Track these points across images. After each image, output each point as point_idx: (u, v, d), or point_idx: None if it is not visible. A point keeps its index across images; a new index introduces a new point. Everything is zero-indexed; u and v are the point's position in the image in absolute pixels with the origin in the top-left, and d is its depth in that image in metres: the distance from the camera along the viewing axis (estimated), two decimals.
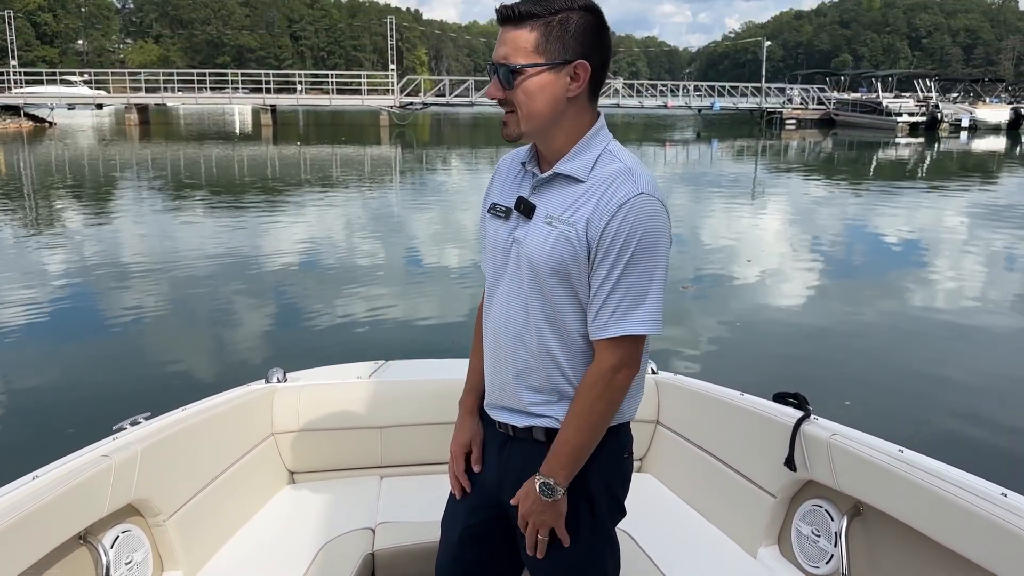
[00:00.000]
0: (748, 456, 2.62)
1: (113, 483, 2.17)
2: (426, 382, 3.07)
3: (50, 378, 6.15)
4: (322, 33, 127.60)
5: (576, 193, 1.66)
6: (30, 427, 5.25)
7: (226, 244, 11.30)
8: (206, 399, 2.76)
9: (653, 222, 1.61)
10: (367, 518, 2.69)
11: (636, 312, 1.62)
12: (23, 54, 77.67)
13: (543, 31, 1.62)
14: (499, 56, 1.66)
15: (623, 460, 1.81)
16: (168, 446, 2.42)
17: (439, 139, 40.55)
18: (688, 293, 8.74)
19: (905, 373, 6.31)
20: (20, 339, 6.99)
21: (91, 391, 5.86)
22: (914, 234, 12.88)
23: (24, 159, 25.46)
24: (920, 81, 50.74)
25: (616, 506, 1.83)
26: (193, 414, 2.60)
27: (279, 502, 2.86)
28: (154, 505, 2.33)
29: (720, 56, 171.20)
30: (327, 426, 2.98)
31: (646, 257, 1.61)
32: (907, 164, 26.73)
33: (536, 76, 1.63)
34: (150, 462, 2.31)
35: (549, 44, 1.62)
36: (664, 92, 51.59)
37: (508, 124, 1.70)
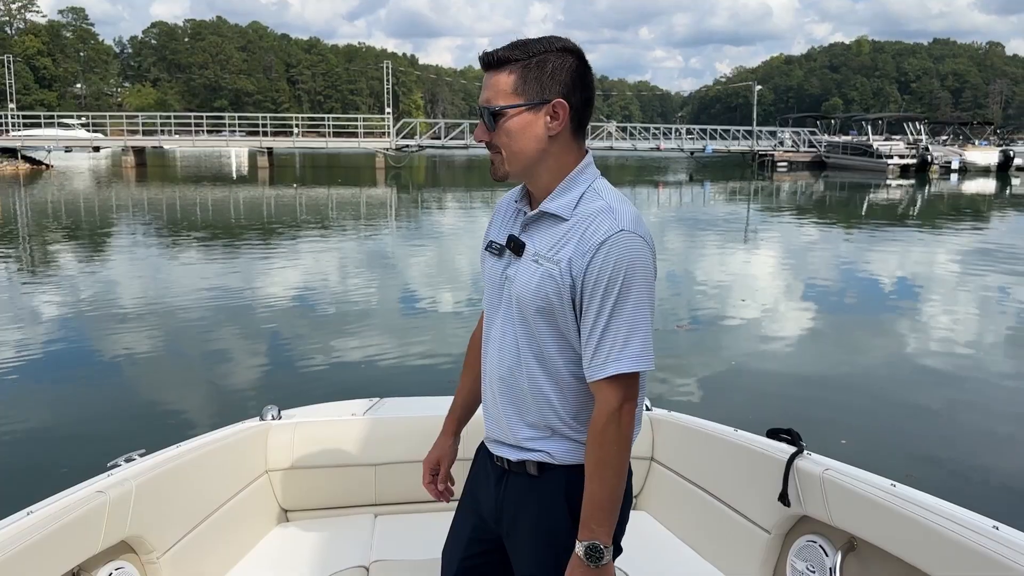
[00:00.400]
0: (742, 492, 2.62)
1: (107, 519, 2.16)
2: (421, 419, 3.06)
3: (45, 417, 6.13)
4: (319, 77, 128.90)
5: (561, 231, 1.69)
6: (25, 465, 5.23)
7: (221, 285, 11.31)
8: (200, 436, 2.76)
9: (635, 259, 1.62)
10: (361, 556, 2.68)
11: (628, 348, 1.62)
12: (21, 97, 78.32)
13: (521, 73, 1.67)
14: (483, 100, 1.71)
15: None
16: (162, 483, 2.42)
17: (434, 181, 40.85)
18: (683, 332, 8.76)
19: (899, 412, 6.31)
20: (16, 378, 6.97)
21: (86, 429, 5.84)
22: (907, 275, 12.96)
23: (20, 201, 25.54)
24: (910, 124, 51.34)
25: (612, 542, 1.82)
26: (187, 451, 2.60)
27: (272, 540, 2.85)
28: (148, 542, 2.32)
29: (712, 100, 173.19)
30: (321, 463, 2.98)
31: (632, 294, 1.62)
32: (899, 206, 26.96)
33: (516, 116, 1.68)
34: (144, 499, 2.31)
35: (527, 85, 1.67)
36: (657, 135, 52.13)
37: (495, 164, 1.74)
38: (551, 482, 1.74)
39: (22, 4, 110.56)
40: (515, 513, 1.79)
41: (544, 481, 1.74)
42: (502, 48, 1.70)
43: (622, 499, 1.69)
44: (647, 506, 3.09)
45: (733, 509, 2.65)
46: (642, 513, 3.06)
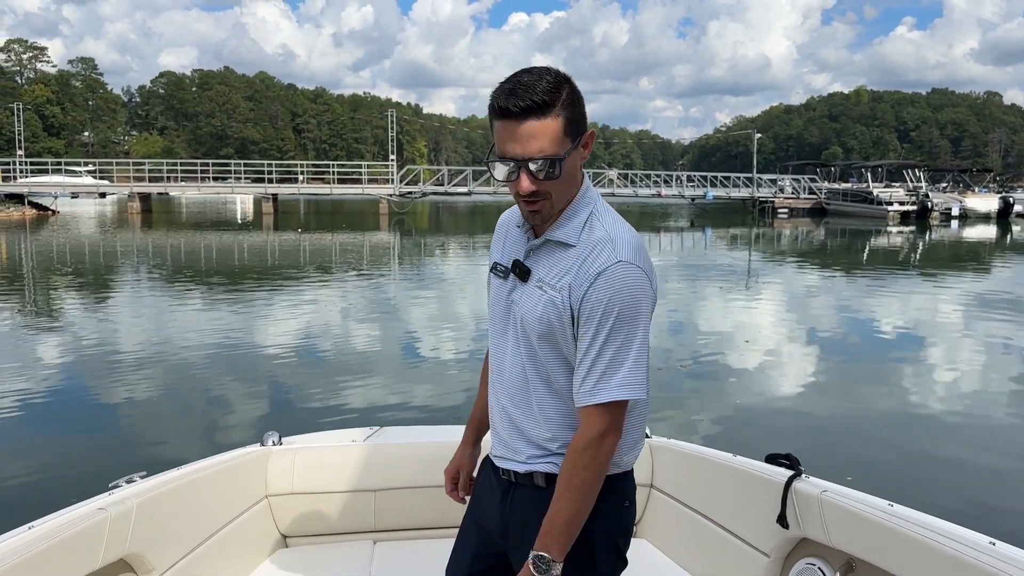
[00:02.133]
0: (741, 516, 2.63)
1: (108, 536, 2.17)
2: (421, 445, 3.08)
3: (52, 443, 6.31)
4: (325, 126, 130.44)
5: (566, 258, 1.71)
6: (31, 484, 5.42)
7: (226, 327, 11.36)
8: (201, 460, 2.77)
9: (630, 290, 1.64)
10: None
11: (617, 377, 1.64)
12: (30, 145, 79.31)
13: (565, 115, 1.64)
14: (533, 150, 1.62)
15: (624, 510, 1.82)
16: (163, 503, 2.43)
17: (437, 226, 41.13)
18: (687, 372, 8.77)
19: (901, 453, 6.31)
20: (25, 412, 7.01)
21: (91, 454, 6.02)
22: (908, 321, 12.99)
23: (25, 246, 25.72)
24: (909, 171, 51.74)
25: (617, 556, 1.82)
26: (188, 473, 2.61)
27: (271, 566, 2.84)
28: (147, 561, 2.32)
29: (712, 148, 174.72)
30: (321, 489, 2.98)
31: (626, 324, 1.63)
32: (900, 252, 27.07)
33: (570, 159, 1.67)
34: (145, 518, 2.32)
35: (571, 125, 1.65)
36: (658, 182, 52.54)
37: (542, 210, 1.70)
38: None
39: (33, 54, 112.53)
40: (522, 527, 1.79)
41: (551, 493, 1.73)
42: (534, 92, 1.61)
43: (583, 524, 1.70)
44: (647, 533, 3.09)
45: (732, 534, 2.65)
46: (642, 541, 3.05)
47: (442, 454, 3.04)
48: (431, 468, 3.00)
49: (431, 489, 3.00)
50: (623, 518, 1.82)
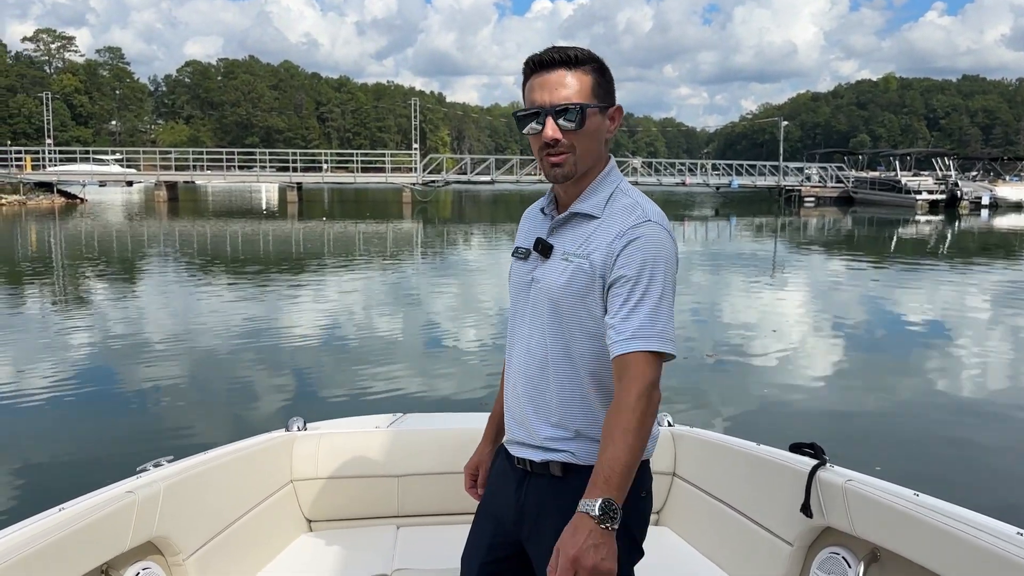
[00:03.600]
0: (765, 505, 2.62)
1: (136, 518, 2.20)
2: (444, 432, 3.10)
3: (84, 427, 6.44)
4: (348, 115, 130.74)
5: (590, 228, 1.75)
6: (62, 468, 5.52)
7: (252, 314, 11.45)
8: (227, 445, 2.80)
9: (661, 248, 1.68)
10: (383, 566, 2.70)
11: (657, 328, 1.63)
12: (59, 134, 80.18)
13: (597, 76, 1.73)
14: (560, 97, 1.70)
15: (641, 499, 1.79)
16: (189, 487, 2.46)
17: (460, 215, 41.15)
18: (712, 361, 8.74)
19: (927, 443, 6.26)
20: (55, 397, 7.13)
21: (120, 439, 6.13)
22: (937, 312, 12.83)
23: (55, 234, 26.06)
24: (939, 160, 51.04)
25: (633, 546, 1.79)
26: (214, 458, 2.64)
27: (296, 549, 2.88)
28: (174, 544, 2.36)
29: (738, 136, 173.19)
30: (345, 474, 3.01)
31: (658, 281, 1.65)
32: (928, 242, 26.74)
33: (594, 117, 1.73)
34: (172, 501, 2.35)
35: (601, 89, 1.74)
36: (683, 170, 52.22)
37: (563, 164, 1.74)
38: (575, 484, 1.67)
39: (61, 44, 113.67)
40: (537, 516, 1.79)
41: (568, 482, 1.73)
42: (570, 50, 1.71)
43: (634, 475, 1.61)
44: (669, 522, 3.08)
45: (755, 522, 2.64)
46: (664, 529, 3.05)
47: (464, 441, 3.05)
48: (454, 455, 3.02)
49: (454, 475, 3.02)
50: (639, 508, 1.78)
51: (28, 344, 9.37)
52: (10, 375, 7.93)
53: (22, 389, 7.42)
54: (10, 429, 6.36)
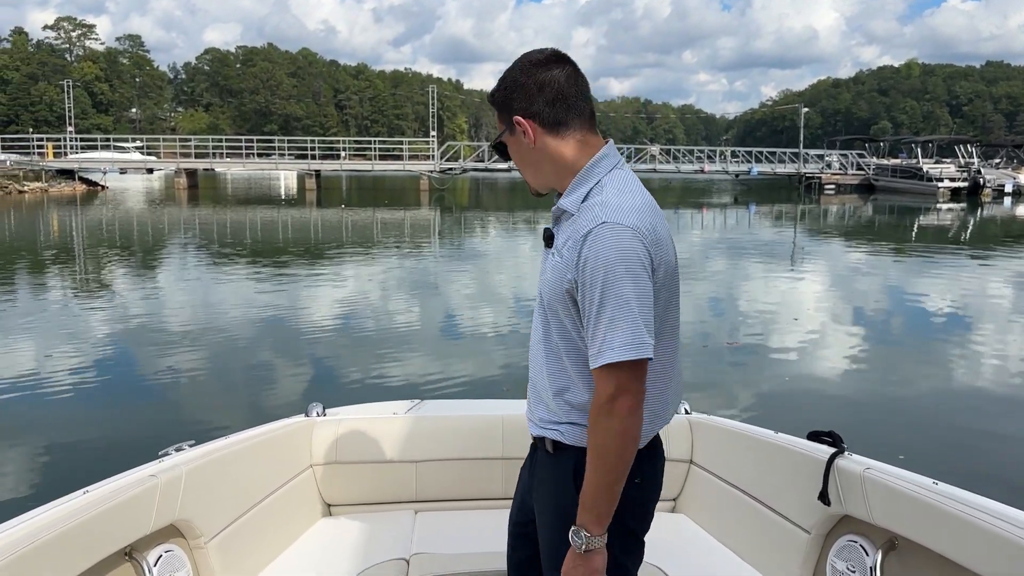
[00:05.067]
0: (782, 493, 2.62)
1: (159, 502, 2.24)
2: (462, 418, 3.11)
3: (106, 412, 6.54)
4: (366, 102, 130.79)
5: (569, 225, 1.77)
6: (86, 452, 5.64)
7: (272, 301, 11.53)
8: (247, 430, 2.83)
9: (614, 249, 1.63)
10: (402, 549, 2.72)
11: (616, 338, 1.62)
12: (79, 122, 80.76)
13: (498, 107, 1.85)
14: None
15: (636, 487, 1.76)
16: (211, 471, 2.49)
17: (477, 202, 41.16)
18: (732, 349, 8.72)
19: (947, 433, 6.22)
20: (79, 383, 7.21)
21: (142, 423, 6.23)
22: (958, 300, 12.71)
23: (77, 220, 26.30)
24: (961, 147, 50.41)
25: (631, 539, 1.81)
26: (235, 443, 2.67)
27: (315, 532, 2.91)
28: (196, 527, 2.39)
29: (757, 123, 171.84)
30: (364, 459, 3.03)
31: (614, 285, 1.63)
32: (949, 230, 26.48)
33: (509, 143, 1.85)
34: (194, 485, 2.38)
35: (503, 115, 1.84)
36: (701, 157, 51.89)
37: (529, 184, 1.92)
38: (563, 461, 1.80)
39: (81, 32, 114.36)
40: (538, 484, 1.91)
41: (557, 460, 1.82)
42: (494, 89, 1.87)
43: (619, 491, 1.68)
44: (686, 509, 3.09)
45: (773, 510, 2.64)
46: (680, 516, 3.06)
47: (482, 428, 3.07)
48: (472, 441, 3.04)
49: (472, 462, 3.04)
50: (635, 496, 1.76)
51: (52, 330, 9.48)
52: (35, 360, 8.05)
53: (46, 374, 7.52)
54: (35, 414, 6.45)
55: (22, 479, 5.18)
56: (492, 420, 3.09)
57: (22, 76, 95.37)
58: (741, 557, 2.73)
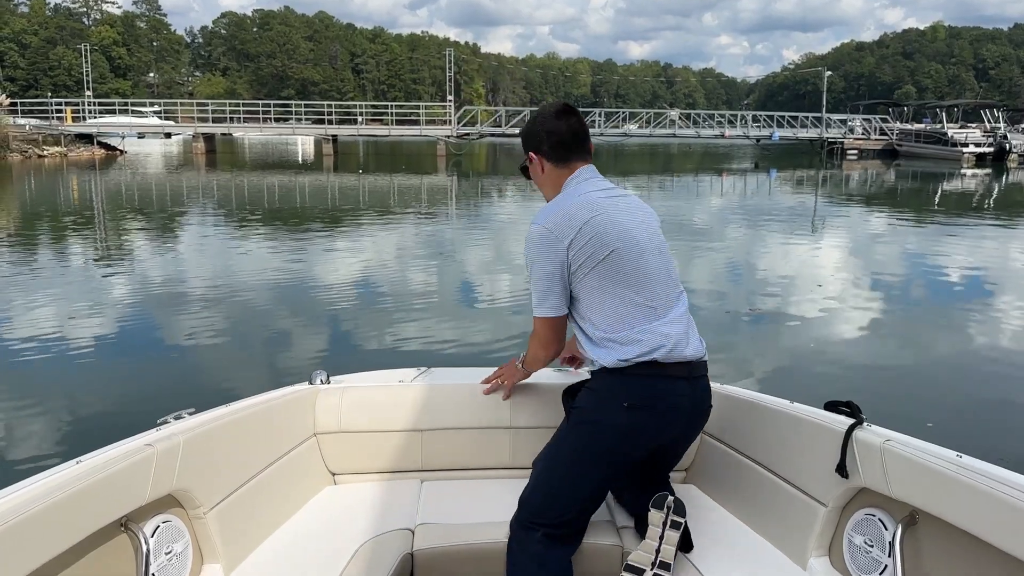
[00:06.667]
0: (798, 465, 2.53)
1: (155, 472, 2.18)
2: (469, 387, 3.04)
3: (112, 378, 6.46)
4: (383, 67, 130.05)
5: None
6: (80, 427, 5.47)
7: (285, 264, 11.50)
8: (249, 398, 2.77)
9: (530, 244, 2.43)
10: (407, 519, 2.67)
11: (535, 303, 2.48)
12: (97, 86, 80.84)
13: (523, 143, 2.66)
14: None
15: (620, 411, 2.35)
16: (210, 440, 2.43)
17: (495, 168, 40.89)
18: (751, 316, 8.60)
19: (970, 404, 6.10)
20: (79, 349, 7.19)
21: (140, 393, 6.10)
22: (982, 268, 12.49)
23: (95, 185, 26.37)
24: (987, 111, 49.50)
25: (602, 459, 2.39)
26: (236, 411, 2.61)
27: (319, 502, 2.86)
28: (195, 497, 2.34)
29: (779, 87, 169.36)
30: (369, 428, 2.97)
31: (530, 268, 2.45)
32: (974, 196, 26.04)
33: (530, 167, 2.67)
34: (192, 454, 2.33)
35: (524, 148, 2.65)
36: (722, 122, 51.24)
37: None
38: (589, 381, 2.53)
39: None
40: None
41: (589, 380, 2.55)
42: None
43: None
44: (697, 479, 3.01)
45: (788, 482, 2.56)
46: (691, 487, 2.98)
47: (490, 396, 3.00)
48: (479, 410, 2.97)
49: (479, 431, 2.97)
50: (621, 422, 2.34)
51: (58, 294, 9.49)
52: (29, 326, 8.00)
53: (48, 339, 7.49)
54: (30, 381, 6.37)
55: (16, 447, 5.11)
56: (500, 389, 3.02)
57: (40, 40, 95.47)
58: (754, 529, 2.65)
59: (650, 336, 2.33)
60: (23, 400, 5.91)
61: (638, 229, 2.42)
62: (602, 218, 2.37)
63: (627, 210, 2.45)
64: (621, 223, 2.39)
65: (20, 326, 7.96)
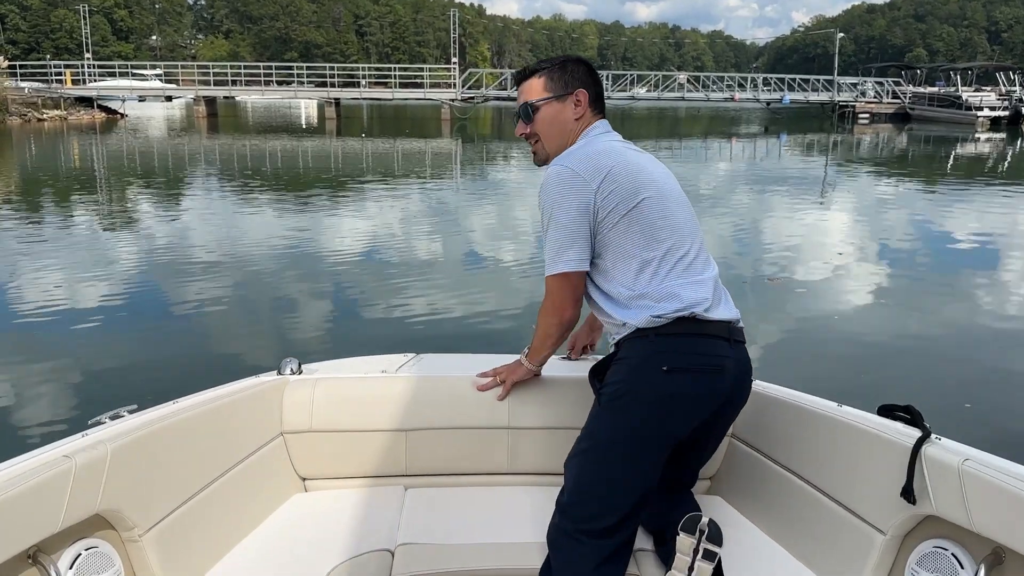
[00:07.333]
0: (848, 482, 2.13)
1: (73, 489, 1.79)
2: (463, 379, 2.63)
3: (50, 364, 5.67)
4: (387, 29, 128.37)
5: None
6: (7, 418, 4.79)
7: (273, 233, 11.07)
8: (202, 392, 2.37)
9: (548, 185, 2.11)
10: (386, 537, 2.28)
11: (548, 257, 2.16)
12: (99, 49, 79.92)
13: (547, 75, 2.24)
14: (520, 102, 2.28)
15: (658, 373, 2.02)
16: (149, 445, 2.04)
17: (500, 132, 40.19)
18: (773, 287, 8.17)
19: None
20: (57, 319, 6.77)
21: (93, 379, 5.42)
22: (1002, 235, 12.00)
23: (96, 149, 25.87)
24: (1002, 74, 48.49)
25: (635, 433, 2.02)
26: (185, 408, 2.22)
27: (287, 512, 2.47)
28: (127, 517, 1.95)
29: (788, 50, 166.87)
30: (346, 427, 2.58)
31: (546, 214, 2.13)
32: (988, 160, 25.42)
33: (547, 107, 2.23)
34: (124, 464, 1.93)
35: (553, 83, 2.23)
36: (731, 85, 50.32)
37: (536, 152, 2.29)
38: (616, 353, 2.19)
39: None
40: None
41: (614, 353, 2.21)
42: (532, 64, 2.31)
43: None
44: (723, 490, 2.61)
45: (836, 501, 2.16)
46: (716, 499, 2.58)
47: (487, 391, 2.59)
48: (474, 406, 2.57)
49: (473, 431, 2.57)
50: (660, 385, 2.01)
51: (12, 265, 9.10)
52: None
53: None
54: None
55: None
56: (497, 386, 2.61)
57: (41, 2, 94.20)
58: (792, 553, 2.26)
59: (687, 290, 2.05)
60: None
61: (665, 179, 2.18)
62: (631, 165, 2.12)
63: (650, 160, 2.22)
64: (650, 171, 2.15)
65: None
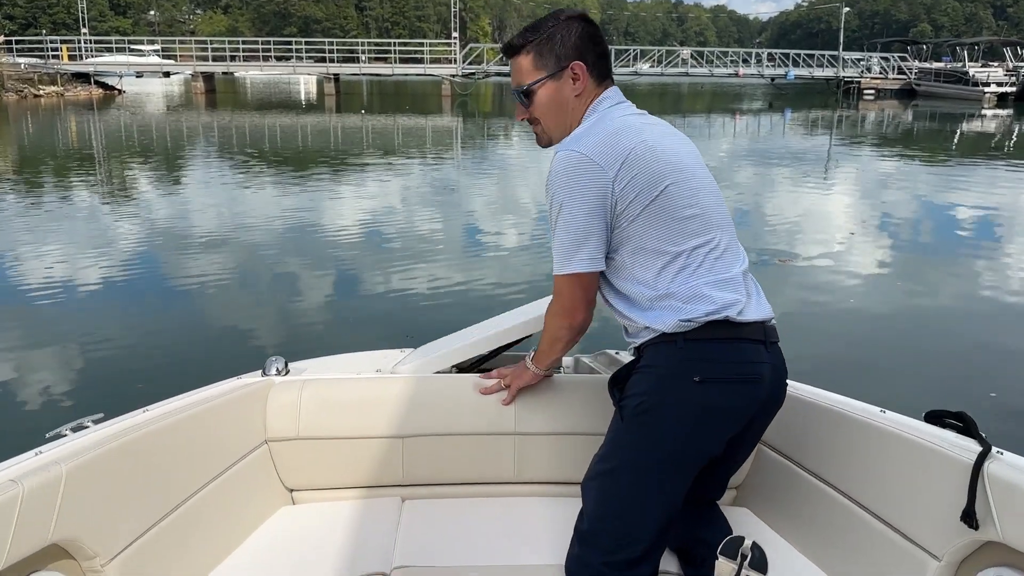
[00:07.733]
0: (896, 499, 1.91)
1: (20, 520, 1.57)
2: (464, 379, 2.41)
3: (5, 365, 5.27)
4: (387, 3, 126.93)
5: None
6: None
7: (267, 214, 10.82)
8: (177, 397, 2.15)
9: (556, 174, 1.83)
10: (381, 558, 2.07)
11: (557, 256, 1.89)
12: (97, 24, 79.12)
13: (536, 51, 1.94)
14: (515, 84, 1.98)
15: (690, 386, 1.80)
16: (114, 463, 1.82)
17: (500, 109, 39.75)
18: (783, 266, 7.94)
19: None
20: (41, 302, 6.55)
21: (74, 377, 5.07)
22: (1003, 209, 11.74)
23: (94, 126, 25.53)
24: (1010, 49, 47.92)
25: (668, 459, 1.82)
26: (156, 418, 2.00)
27: (271, 530, 2.26)
28: (87, 546, 1.73)
29: (792, 25, 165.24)
30: (335, 433, 2.36)
31: (555, 207, 1.84)
32: (994, 137, 25.08)
33: (542, 88, 1.95)
34: (82, 486, 1.72)
35: (543, 59, 1.94)
36: (735, 60, 49.75)
37: (539, 136, 2.04)
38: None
39: None
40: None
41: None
42: (516, 36, 1.97)
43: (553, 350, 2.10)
44: (751, 501, 2.39)
45: (881, 520, 1.94)
46: (742, 510, 2.36)
47: (490, 395, 2.38)
48: (477, 410, 2.35)
49: (475, 437, 2.35)
50: (690, 400, 1.79)
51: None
52: None
53: None
54: None
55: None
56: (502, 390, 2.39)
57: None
58: (829, 575, 2.04)
59: (718, 290, 1.83)
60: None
61: (689, 159, 1.90)
62: (652, 145, 1.83)
63: (673, 135, 1.93)
64: (676, 150, 1.87)
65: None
